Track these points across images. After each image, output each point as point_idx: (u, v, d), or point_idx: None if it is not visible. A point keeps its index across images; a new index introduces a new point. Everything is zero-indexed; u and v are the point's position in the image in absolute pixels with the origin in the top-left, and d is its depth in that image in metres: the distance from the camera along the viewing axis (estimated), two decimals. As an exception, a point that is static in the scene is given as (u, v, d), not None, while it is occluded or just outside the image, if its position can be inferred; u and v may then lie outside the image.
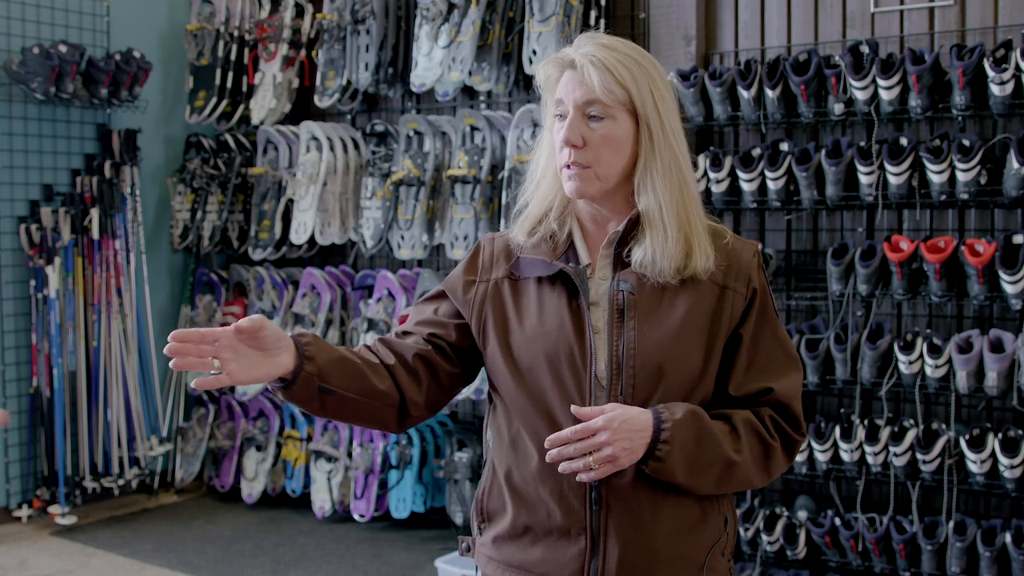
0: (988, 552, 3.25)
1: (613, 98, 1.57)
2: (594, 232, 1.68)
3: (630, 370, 1.57)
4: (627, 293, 1.60)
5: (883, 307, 3.70)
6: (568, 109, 1.60)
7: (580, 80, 1.59)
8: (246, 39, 5.17)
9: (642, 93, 1.58)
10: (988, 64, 3.23)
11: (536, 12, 4.12)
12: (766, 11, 3.94)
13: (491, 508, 1.69)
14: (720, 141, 4.02)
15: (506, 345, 1.64)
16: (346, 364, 1.61)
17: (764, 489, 3.91)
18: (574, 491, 1.58)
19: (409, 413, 1.69)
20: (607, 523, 1.58)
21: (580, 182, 1.60)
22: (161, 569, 4.20)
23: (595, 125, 1.59)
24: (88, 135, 5.09)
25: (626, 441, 1.50)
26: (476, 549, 1.73)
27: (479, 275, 1.71)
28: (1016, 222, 3.49)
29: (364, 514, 4.65)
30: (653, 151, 1.60)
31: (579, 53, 1.60)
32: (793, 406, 1.66)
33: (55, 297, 4.72)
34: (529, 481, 1.62)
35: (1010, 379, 3.29)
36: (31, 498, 4.83)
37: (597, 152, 1.59)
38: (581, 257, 1.67)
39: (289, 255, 5.11)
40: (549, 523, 1.61)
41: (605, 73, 1.57)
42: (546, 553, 1.61)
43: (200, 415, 5.25)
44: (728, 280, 1.64)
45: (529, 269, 1.66)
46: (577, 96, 1.59)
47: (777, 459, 1.64)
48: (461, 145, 4.46)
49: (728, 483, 1.59)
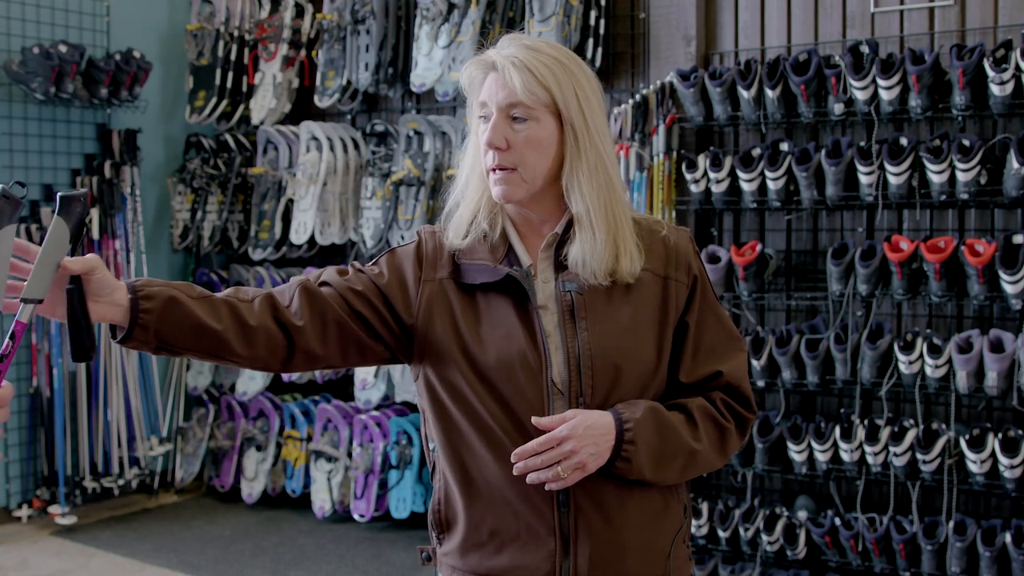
0: (988, 552, 3.25)
1: (535, 99, 1.57)
2: (528, 234, 1.67)
3: (588, 371, 1.57)
4: (575, 294, 1.59)
5: (883, 307, 3.70)
6: (491, 111, 1.59)
7: (502, 82, 1.57)
8: (246, 39, 5.17)
9: (565, 94, 1.58)
10: (988, 64, 3.23)
11: (536, 12, 4.12)
12: (766, 11, 3.94)
13: (450, 516, 1.66)
14: (720, 141, 4.02)
15: (461, 352, 1.60)
16: (193, 327, 1.52)
17: (764, 489, 3.91)
18: (540, 493, 1.57)
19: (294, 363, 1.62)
20: (576, 522, 1.57)
21: (506, 186, 1.59)
22: (161, 569, 4.20)
23: (518, 127, 1.58)
24: (88, 135, 5.09)
25: (592, 447, 1.51)
26: (438, 559, 1.70)
27: (424, 271, 1.66)
28: (1016, 222, 3.49)
29: (364, 514, 4.65)
30: (579, 152, 1.59)
31: (501, 55, 1.59)
32: (742, 386, 1.67)
33: (55, 297, 4.72)
34: (493, 486, 1.60)
35: (1010, 379, 3.29)
36: (31, 498, 4.83)
37: (521, 154, 1.58)
38: (522, 260, 1.65)
39: (289, 255, 5.11)
40: (516, 527, 1.59)
41: (527, 74, 1.56)
42: (514, 558, 1.59)
43: (200, 415, 5.25)
44: (669, 270, 1.64)
45: (473, 275, 1.63)
46: (500, 98, 1.58)
47: (732, 440, 1.66)
48: (461, 145, 4.46)
49: (691, 471, 1.62)
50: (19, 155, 4.81)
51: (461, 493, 1.63)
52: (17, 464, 4.81)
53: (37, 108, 4.85)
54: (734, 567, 3.78)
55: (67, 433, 4.78)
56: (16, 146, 4.80)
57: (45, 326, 4.77)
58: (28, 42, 4.72)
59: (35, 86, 4.60)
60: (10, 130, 4.77)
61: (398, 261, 1.69)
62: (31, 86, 4.60)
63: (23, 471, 4.83)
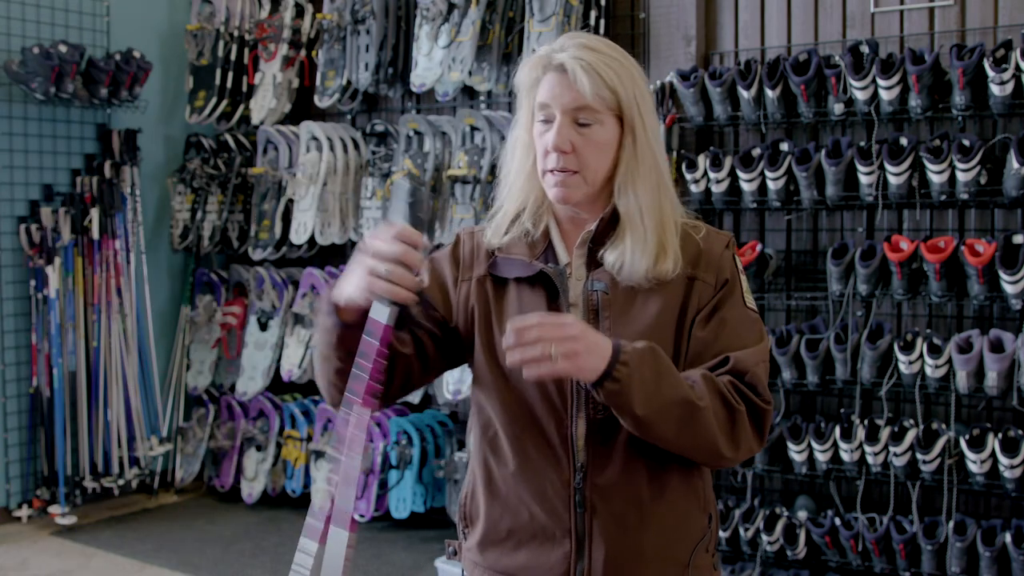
0: (988, 552, 3.25)
1: (602, 103, 1.55)
2: (571, 231, 1.66)
3: None
4: (601, 293, 1.59)
5: (883, 307, 3.70)
6: (555, 114, 1.57)
7: (568, 85, 1.55)
8: (246, 39, 5.17)
9: (628, 96, 1.57)
10: (988, 64, 3.23)
11: (536, 12, 4.12)
12: (766, 11, 3.94)
13: (473, 512, 1.68)
14: (720, 141, 4.02)
15: (488, 347, 1.62)
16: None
17: (764, 489, 3.91)
18: (557, 494, 1.57)
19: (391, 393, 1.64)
20: (592, 525, 1.57)
21: (567, 188, 1.58)
22: (161, 569, 4.20)
23: (584, 131, 1.56)
24: (88, 135, 5.08)
25: (591, 344, 1.42)
26: (462, 553, 1.72)
27: (461, 272, 1.69)
28: (1016, 222, 3.49)
29: (364, 514, 4.65)
30: (636, 153, 1.58)
31: (567, 56, 1.56)
32: (753, 372, 1.55)
33: (55, 297, 4.72)
34: (511, 484, 1.61)
35: (1010, 379, 3.29)
36: (31, 498, 4.83)
37: (585, 157, 1.57)
38: (560, 257, 1.65)
39: (289, 255, 5.11)
40: (532, 526, 1.59)
41: (596, 77, 1.54)
42: (530, 557, 1.60)
43: (200, 415, 5.25)
44: (698, 271, 1.61)
45: (508, 269, 1.64)
46: (566, 101, 1.56)
47: (743, 426, 1.52)
48: (461, 145, 4.46)
49: (691, 428, 1.48)
50: (19, 155, 4.81)
51: (484, 490, 1.64)
52: (17, 464, 4.81)
53: (37, 108, 4.85)
54: (734, 567, 3.78)
55: (67, 433, 4.78)
56: (16, 146, 4.80)
57: (45, 326, 4.77)
58: (28, 42, 4.72)
59: (35, 86, 4.60)
60: (10, 130, 4.77)
61: (437, 266, 1.71)
62: (31, 86, 4.60)
63: (23, 471, 4.83)
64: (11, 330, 4.79)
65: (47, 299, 4.75)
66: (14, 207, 4.80)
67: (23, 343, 4.83)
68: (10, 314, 4.79)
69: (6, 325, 4.78)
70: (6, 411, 4.77)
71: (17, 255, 4.81)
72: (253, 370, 5.06)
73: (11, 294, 4.79)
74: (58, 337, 4.73)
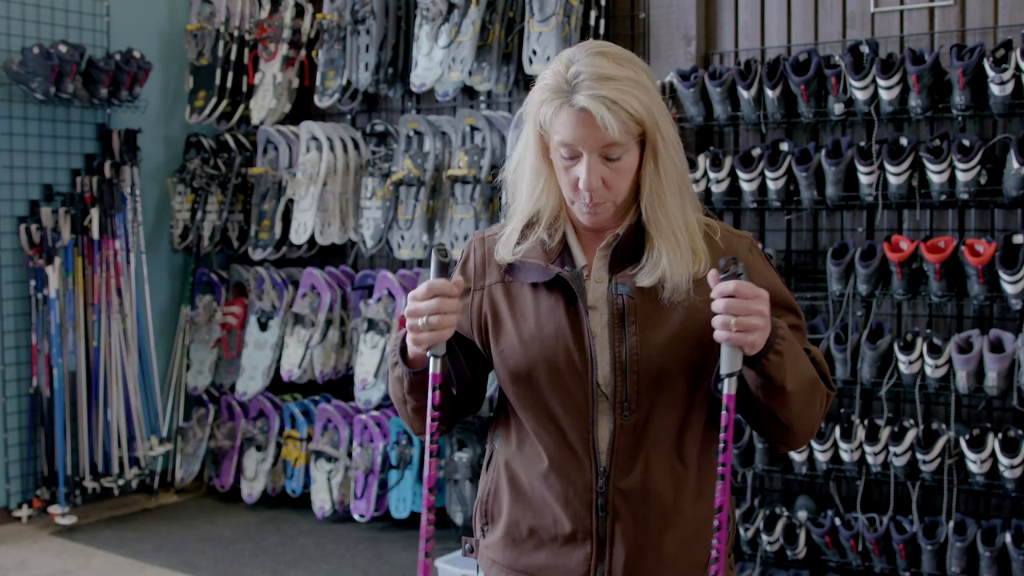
0: (988, 552, 3.25)
1: (629, 136, 1.54)
2: (590, 235, 1.66)
3: (634, 376, 1.56)
4: (627, 297, 1.58)
5: (883, 307, 3.70)
6: (580, 151, 1.55)
7: (595, 126, 1.52)
8: (246, 39, 5.17)
9: (651, 119, 1.55)
10: (988, 64, 3.23)
11: (536, 12, 4.12)
12: (766, 11, 3.94)
13: (495, 510, 1.69)
14: (720, 141, 4.02)
15: (510, 352, 1.62)
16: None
17: (764, 489, 3.91)
18: (580, 497, 1.58)
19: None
20: (613, 528, 1.58)
21: (600, 215, 1.60)
22: (161, 569, 4.20)
23: (613, 164, 1.56)
24: (88, 135, 5.09)
25: (766, 326, 1.47)
26: (479, 551, 1.72)
27: (472, 283, 1.69)
28: (1016, 222, 3.49)
29: (364, 514, 4.65)
30: (659, 168, 1.58)
31: (586, 98, 1.51)
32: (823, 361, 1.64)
33: (55, 297, 4.72)
34: (535, 485, 1.61)
35: (1010, 379, 3.29)
36: (31, 498, 4.83)
37: (616, 187, 1.57)
38: (576, 259, 1.65)
39: (289, 255, 5.11)
40: (555, 528, 1.60)
41: (621, 113, 1.51)
42: (551, 558, 1.61)
43: (200, 415, 5.25)
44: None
45: (524, 274, 1.64)
46: (594, 143, 1.53)
47: (823, 399, 1.62)
48: (461, 145, 4.46)
49: (812, 406, 1.58)
50: (19, 155, 4.81)
51: (508, 489, 1.65)
52: (17, 464, 4.81)
53: (37, 108, 4.85)
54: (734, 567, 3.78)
55: (67, 433, 4.78)
56: (16, 146, 4.80)
57: (45, 326, 4.77)
58: (28, 42, 4.72)
59: (35, 86, 4.60)
60: (10, 130, 4.77)
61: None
62: (31, 86, 4.60)
63: (23, 471, 4.83)
64: (11, 330, 4.79)
65: (47, 299, 4.75)
66: (14, 207, 4.80)
67: (23, 343, 4.83)
68: (10, 314, 4.79)
69: (6, 325, 4.78)
70: (6, 411, 4.77)
71: (17, 255, 4.81)
72: (253, 370, 5.06)
73: (11, 294, 4.79)
74: (58, 337, 4.73)
